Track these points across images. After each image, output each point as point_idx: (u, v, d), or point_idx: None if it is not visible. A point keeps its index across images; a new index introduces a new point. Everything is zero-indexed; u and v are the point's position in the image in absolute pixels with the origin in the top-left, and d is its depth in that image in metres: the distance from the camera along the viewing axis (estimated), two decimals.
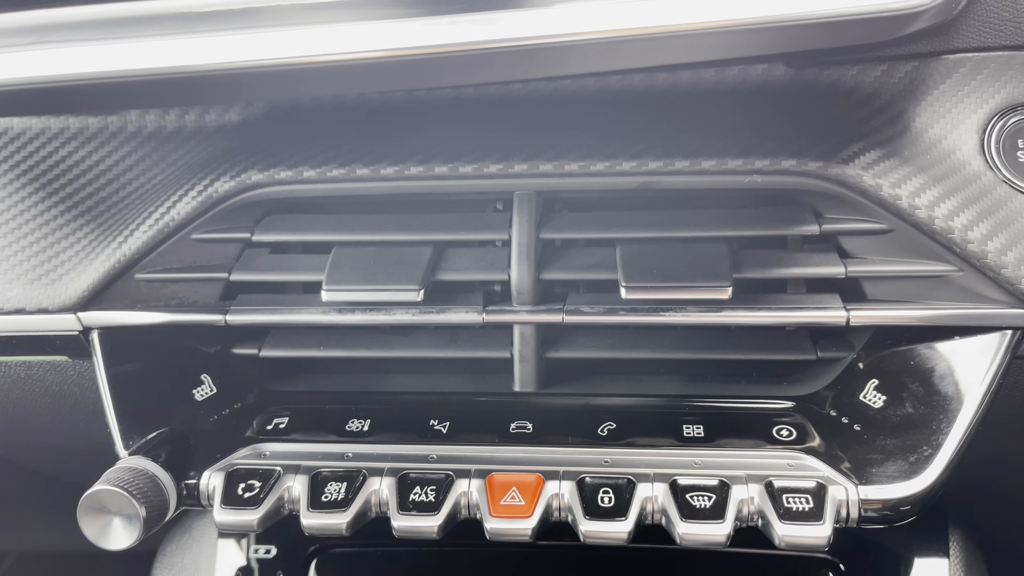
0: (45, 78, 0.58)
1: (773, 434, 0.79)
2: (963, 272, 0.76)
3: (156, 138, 0.90)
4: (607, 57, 0.61)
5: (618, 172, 0.78)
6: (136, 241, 0.85)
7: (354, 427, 0.84)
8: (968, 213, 0.75)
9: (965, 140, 0.79)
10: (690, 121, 0.81)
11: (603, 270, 0.80)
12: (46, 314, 0.86)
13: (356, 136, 0.84)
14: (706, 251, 0.79)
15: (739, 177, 0.77)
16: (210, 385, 0.88)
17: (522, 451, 0.79)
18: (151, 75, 0.58)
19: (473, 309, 0.82)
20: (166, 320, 0.86)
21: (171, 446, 0.80)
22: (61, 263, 0.87)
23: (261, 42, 0.59)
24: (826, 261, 0.79)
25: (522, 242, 0.80)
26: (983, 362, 0.76)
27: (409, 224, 0.84)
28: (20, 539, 1.73)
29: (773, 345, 0.83)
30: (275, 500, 0.76)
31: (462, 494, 0.75)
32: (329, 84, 0.61)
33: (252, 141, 0.86)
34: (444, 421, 0.83)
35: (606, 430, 0.81)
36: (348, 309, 0.83)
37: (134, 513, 0.72)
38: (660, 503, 0.72)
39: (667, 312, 0.79)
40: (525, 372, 0.85)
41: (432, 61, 0.58)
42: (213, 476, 0.78)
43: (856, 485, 0.72)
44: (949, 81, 0.80)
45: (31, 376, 0.94)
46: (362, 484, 0.76)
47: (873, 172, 0.76)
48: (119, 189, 0.90)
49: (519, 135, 0.81)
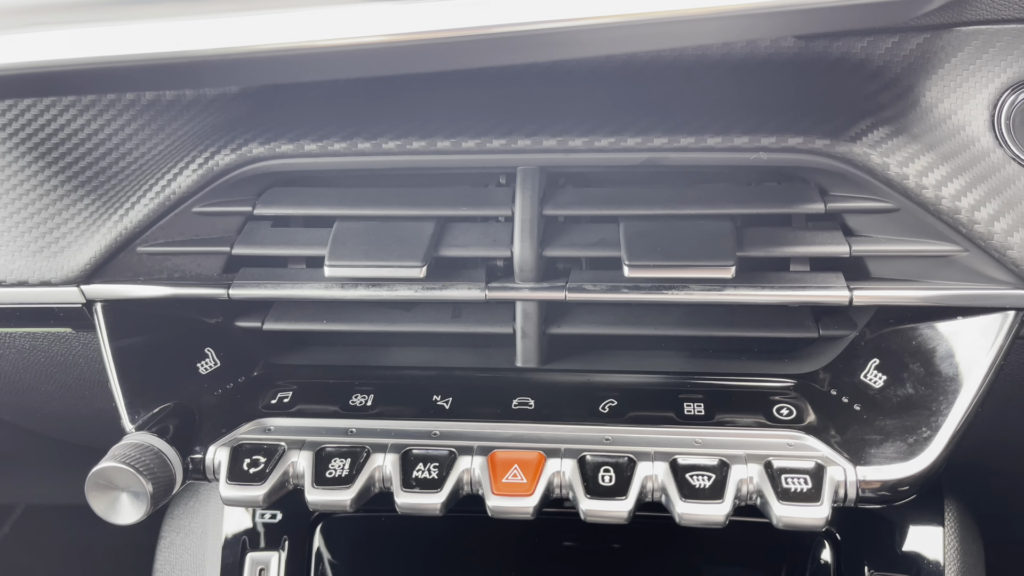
0: (38, 63, 0.57)
1: (773, 413, 0.79)
2: (968, 252, 0.76)
3: (155, 107, 0.89)
4: (613, 41, 0.59)
5: (623, 148, 0.77)
6: (138, 214, 0.84)
7: (357, 402, 0.84)
8: (976, 192, 0.75)
9: (975, 116, 0.78)
10: (696, 96, 0.80)
11: (606, 247, 0.80)
12: (49, 287, 0.86)
13: (358, 109, 0.83)
14: (710, 229, 0.79)
15: (745, 154, 0.76)
16: (214, 358, 0.88)
17: (524, 428, 0.80)
18: (144, 61, 0.56)
19: (476, 285, 0.82)
20: (169, 293, 0.86)
21: (176, 421, 0.81)
22: (63, 235, 0.87)
23: (258, 25, 0.57)
24: (830, 240, 0.78)
25: (525, 219, 0.80)
26: (985, 343, 0.76)
27: (412, 199, 0.83)
28: (27, 493, 1.76)
29: (775, 322, 0.84)
30: (280, 476, 0.77)
31: (464, 471, 0.76)
32: (331, 69, 0.60)
33: (253, 113, 0.85)
34: (447, 396, 0.84)
35: (607, 407, 0.81)
36: (351, 284, 0.83)
37: (141, 490, 0.73)
38: (660, 482, 0.73)
39: (670, 290, 0.79)
40: (527, 348, 0.86)
41: (438, 46, 0.57)
42: (218, 451, 0.79)
43: (855, 466, 0.73)
44: (961, 54, 0.78)
45: (36, 347, 0.95)
46: (366, 460, 0.77)
47: (881, 150, 0.75)
48: (119, 159, 0.89)
49: (523, 110, 0.80)
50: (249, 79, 0.74)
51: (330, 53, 0.57)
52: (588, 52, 0.62)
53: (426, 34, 0.57)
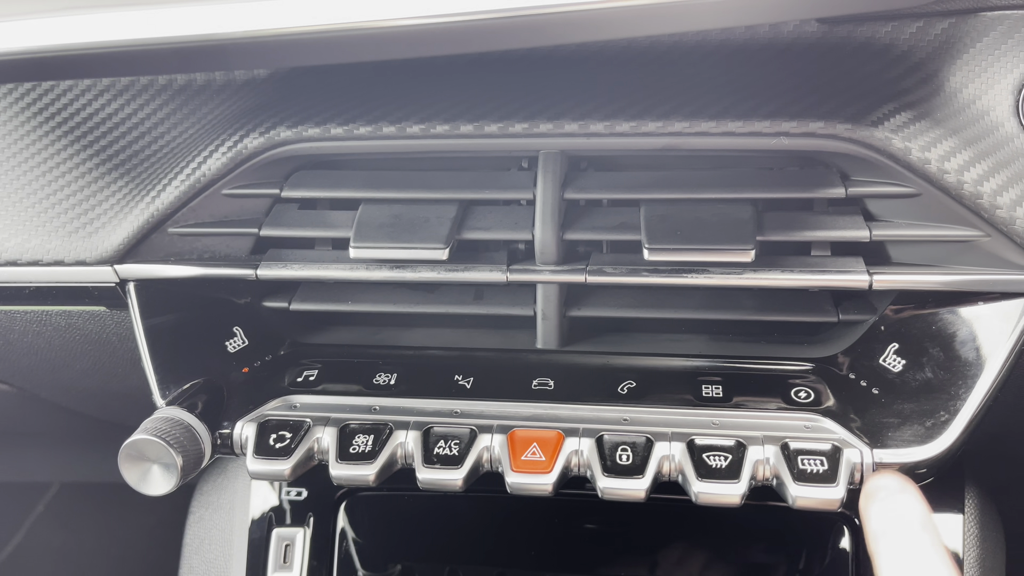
0: (64, 46, 0.59)
1: (791, 396, 0.80)
2: (990, 237, 0.75)
3: (186, 92, 0.91)
4: (637, 23, 0.60)
5: (643, 133, 0.78)
6: (169, 196, 0.86)
7: (381, 380, 0.86)
8: (999, 177, 0.74)
9: (999, 102, 0.77)
10: (717, 81, 0.80)
11: (626, 231, 0.80)
12: (84, 266, 0.89)
13: (383, 94, 0.84)
14: (730, 213, 0.79)
15: (766, 139, 0.77)
16: (242, 337, 0.90)
17: (543, 407, 0.81)
18: (171, 43, 0.58)
19: (497, 268, 0.83)
20: (199, 273, 0.88)
21: (206, 396, 0.83)
22: (97, 216, 0.89)
23: (289, 7, 0.59)
24: (851, 224, 0.79)
25: (546, 202, 0.81)
26: (1006, 328, 0.76)
27: (435, 182, 0.85)
28: (63, 471, 1.81)
29: (795, 307, 0.84)
30: (305, 451, 0.79)
31: (484, 449, 0.77)
32: (360, 52, 0.61)
33: (281, 97, 0.87)
34: (468, 376, 0.85)
35: (626, 388, 0.82)
36: (375, 265, 0.85)
37: (172, 462, 0.75)
38: (677, 462, 0.74)
39: (689, 274, 0.79)
40: (547, 330, 0.87)
41: (467, 28, 0.58)
42: (246, 427, 0.81)
43: (871, 448, 0.73)
44: (986, 39, 0.78)
45: (71, 325, 0.97)
46: (389, 437, 0.79)
47: (903, 135, 0.75)
48: (151, 143, 0.91)
49: (545, 94, 0.81)
50: (279, 61, 0.75)
51: (359, 35, 0.59)
52: (612, 34, 0.62)
53: (454, 16, 0.58)
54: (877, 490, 0.69)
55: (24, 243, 0.89)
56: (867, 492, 0.70)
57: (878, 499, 0.68)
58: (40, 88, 0.92)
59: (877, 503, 0.67)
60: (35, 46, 0.60)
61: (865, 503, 0.69)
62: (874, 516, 0.67)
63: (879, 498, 0.68)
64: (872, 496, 0.69)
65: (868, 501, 0.68)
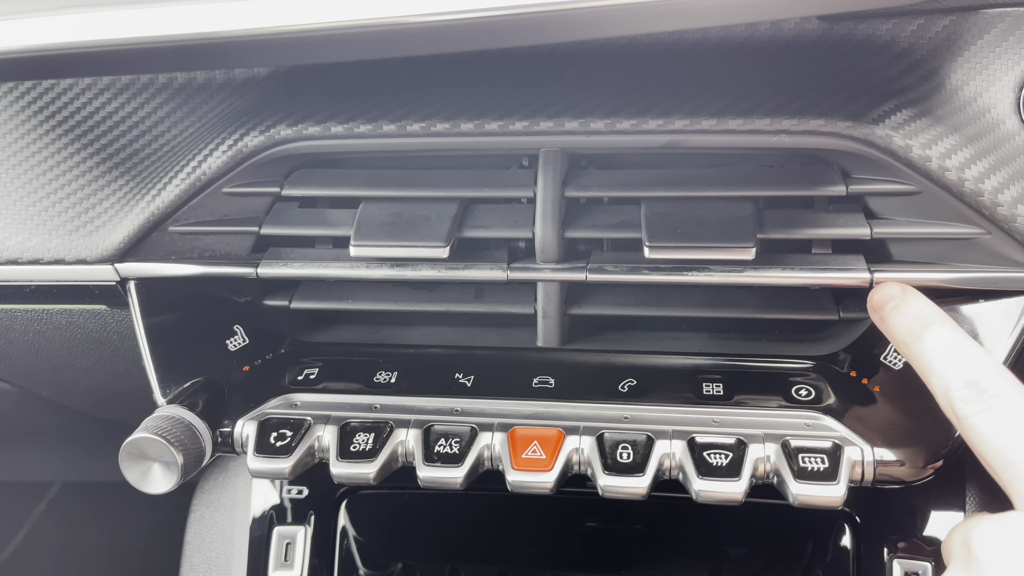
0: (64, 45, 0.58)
1: (792, 393, 0.80)
2: (991, 235, 0.75)
3: (186, 90, 0.91)
4: (636, 21, 0.60)
5: (644, 130, 0.78)
6: (169, 194, 0.86)
7: (381, 379, 0.86)
8: (1000, 175, 0.74)
9: (1000, 99, 0.77)
10: (718, 78, 0.80)
11: (627, 229, 0.80)
12: (84, 265, 0.89)
13: (383, 92, 0.84)
14: (731, 210, 0.79)
15: (767, 136, 0.77)
16: (243, 336, 0.90)
17: (544, 406, 0.81)
18: (171, 41, 0.58)
19: (498, 266, 0.83)
20: (199, 272, 0.88)
21: (206, 395, 0.83)
22: (98, 215, 0.89)
23: (289, 5, 0.59)
24: (852, 222, 0.79)
25: (547, 200, 0.81)
26: (1007, 325, 0.76)
27: (436, 180, 0.85)
28: (64, 470, 1.81)
29: (795, 304, 0.84)
30: (306, 449, 0.79)
31: (485, 447, 0.77)
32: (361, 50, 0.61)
33: (280, 95, 0.87)
34: (469, 375, 0.85)
35: (626, 386, 0.82)
36: (376, 264, 0.85)
37: (172, 460, 0.75)
38: (678, 460, 0.74)
39: (690, 271, 0.79)
40: (548, 328, 0.87)
41: (469, 25, 0.58)
42: (246, 425, 0.81)
43: (872, 446, 0.73)
44: (987, 36, 0.78)
45: (72, 323, 0.98)
46: (389, 435, 0.79)
47: (904, 132, 0.75)
48: (151, 142, 0.91)
49: (545, 92, 0.81)
50: (279, 59, 0.75)
51: (359, 33, 0.59)
52: (612, 32, 0.62)
53: (455, 13, 0.58)
54: (885, 301, 0.73)
55: (25, 242, 0.89)
56: (875, 306, 0.75)
57: (891, 309, 0.72)
58: (40, 87, 0.92)
59: (894, 314, 0.72)
60: (35, 44, 0.60)
61: (881, 317, 0.74)
62: (896, 325, 0.72)
63: (891, 308, 0.73)
64: (882, 308, 0.73)
65: (883, 315, 0.73)
